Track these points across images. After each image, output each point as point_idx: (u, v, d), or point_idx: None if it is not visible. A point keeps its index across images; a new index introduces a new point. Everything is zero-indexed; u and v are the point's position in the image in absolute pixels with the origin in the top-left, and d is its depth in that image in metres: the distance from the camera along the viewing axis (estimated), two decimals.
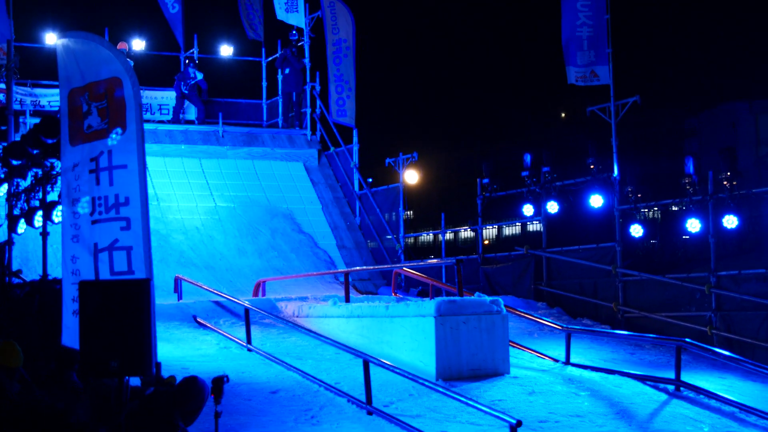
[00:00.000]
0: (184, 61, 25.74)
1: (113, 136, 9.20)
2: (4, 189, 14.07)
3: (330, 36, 24.44)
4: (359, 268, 21.76)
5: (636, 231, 18.40)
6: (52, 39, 23.38)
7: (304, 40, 25.65)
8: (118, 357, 7.48)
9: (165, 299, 17.51)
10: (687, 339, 14.38)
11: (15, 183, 13.90)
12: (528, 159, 20.28)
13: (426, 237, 39.53)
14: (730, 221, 16.85)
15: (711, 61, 62.59)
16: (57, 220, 12.86)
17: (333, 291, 20.07)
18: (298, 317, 16.64)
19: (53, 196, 13.21)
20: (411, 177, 23.54)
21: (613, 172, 18.89)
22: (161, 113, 25.15)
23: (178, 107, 24.98)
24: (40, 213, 13.38)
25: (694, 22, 65.43)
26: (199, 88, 25.05)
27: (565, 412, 12.20)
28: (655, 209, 23.48)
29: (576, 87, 19.69)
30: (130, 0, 53.48)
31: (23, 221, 13.84)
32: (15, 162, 13.40)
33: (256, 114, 26.73)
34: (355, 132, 24.48)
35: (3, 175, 13.92)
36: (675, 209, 20.25)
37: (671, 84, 59.79)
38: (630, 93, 18.99)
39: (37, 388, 8.93)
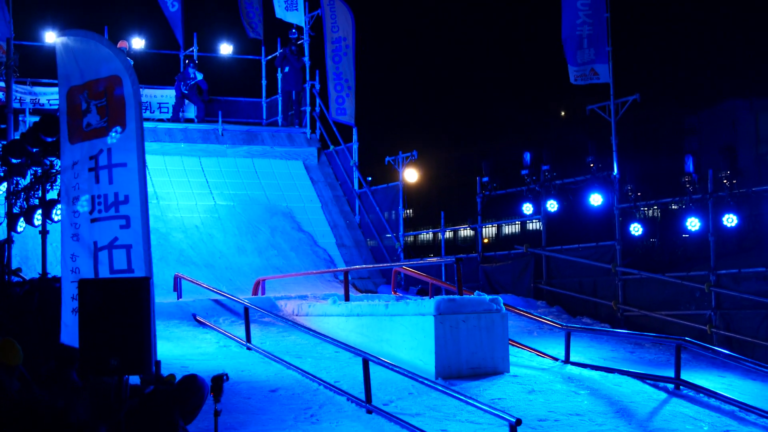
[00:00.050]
0: (184, 62, 25.71)
1: (113, 134, 9.20)
2: (3, 187, 14.05)
3: (329, 34, 24.42)
4: (359, 266, 21.75)
5: (636, 229, 18.41)
6: (51, 37, 23.35)
7: (303, 38, 25.62)
8: (117, 355, 7.48)
9: (164, 298, 17.51)
10: (687, 338, 14.40)
11: (14, 181, 13.88)
12: (528, 157, 20.27)
13: (425, 235, 39.54)
14: (729, 220, 16.86)
15: (711, 60, 62.66)
16: (56, 218, 12.85)
17: (332, 289, 20.05)
18: (297, 316, 16.63)
19: (53, 194, 13.20)
20: (410, 175, 23.53)
21: (613, 170, 18.88)
22: (161, 112, 25.13)
23: (177, 106, 24.95)
24: (39, 211, 13.37)
25: (694, 20, 65.46)
26: (199, 88, 25.03)
27: (565, 410, 12.20)
28: (655, 208, 23.51)
29: (576, 85, 19.69)
30: None
31: (23, 220, 13.82)
32: (14, 160, 13.37)
33: (255, 112, 26.71)
34: (355, 130, 24.47)
35: (2, 174, 13.90)
36: (675, 208, 20.26)
37: (671, 82, 59.85)
38: (630, 91, 19.02)
39: (37, 386, 8.92)
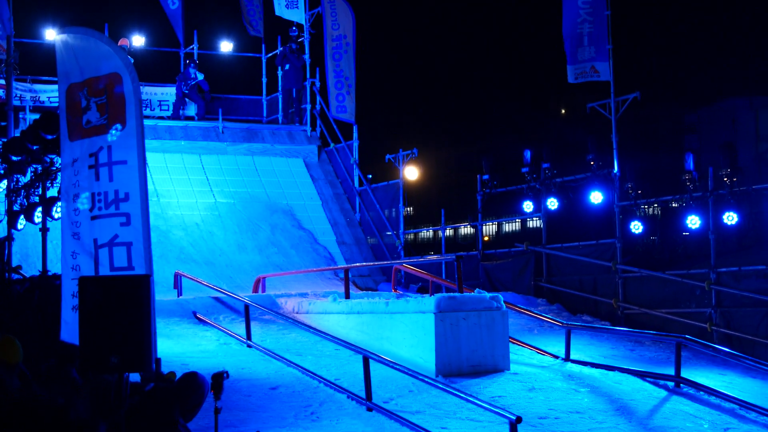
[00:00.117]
0: (184, 61, 25.66)
1: (113, 131, 9.20)
2: (3, 185, 14.06)
3: (330, 32, 24.41)
4: (359, 264, 21.73)
5: (636, 227, 18.40)
6: (51, 35, 23.32)
7: (304, 36, 25.60)
8: (117, 353, 7.47)
9: (165, 295, 17.50)
10: (687, 335, 14.40)
11: (15, 179, 13.90)
12: (528, 155, 20.26)
13: (426, 233, 39.51)
14: (730, 218, 16.85)
15: (711, 58, 62.66)
16: (57, 216, 12.86)
17: (333, 287, 20.06)
18: (297, 313, 16.63)
19: (53, 191, 13.21)
20: (411, 173, 23.52)
21: (613, 168, 18.87)
22: (161, 109, 25.12)
23: (178, 104, 24.92)
24: (39, 209, 13.38)
25: (694, 18, 65.42)
26: (200, 88, 25.02)
27: (565, 408, 12.20)
28: (655, 206, 23.49)
29: (576, 84, 19.68)
30: None
31: (23, 217, 13.84)
32: (15, 158, 13.38)
33: (256, 110, 26.70)
34: (355, 128, 24.47)
35: (3, 171, 13.91)
36: (675, 206, 20.24)
37: (671, 80, 59.85)
38: (630, 89, 19.00)
39: (37, 384, 8.92)
